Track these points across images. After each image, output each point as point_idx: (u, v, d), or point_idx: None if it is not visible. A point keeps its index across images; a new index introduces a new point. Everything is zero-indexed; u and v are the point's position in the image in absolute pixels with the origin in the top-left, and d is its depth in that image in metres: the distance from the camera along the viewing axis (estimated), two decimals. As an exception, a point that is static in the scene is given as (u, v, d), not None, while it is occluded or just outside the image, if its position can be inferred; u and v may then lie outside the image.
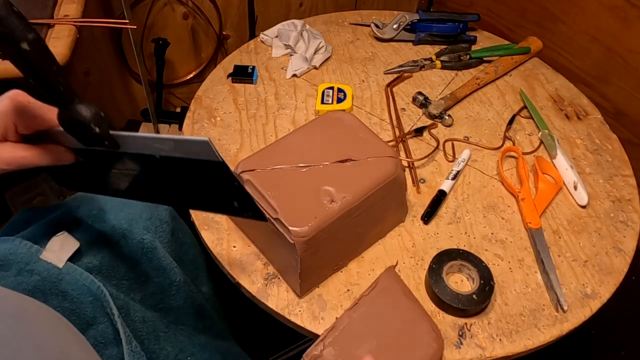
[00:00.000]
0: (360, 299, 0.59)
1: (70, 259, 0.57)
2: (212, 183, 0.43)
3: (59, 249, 0.57)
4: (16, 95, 0.45)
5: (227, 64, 0.91)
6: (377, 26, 0.97)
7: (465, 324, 0.60)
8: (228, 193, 0.44)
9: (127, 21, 0.98)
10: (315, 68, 0.91)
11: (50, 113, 0.45)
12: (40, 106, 0.45)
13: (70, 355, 0.42)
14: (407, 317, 0.58)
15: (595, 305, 0.63)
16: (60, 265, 0.56)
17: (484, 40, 1.00)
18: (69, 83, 0.41)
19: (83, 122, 0.42)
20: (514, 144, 0.81)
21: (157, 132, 1.25)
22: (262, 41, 0.96)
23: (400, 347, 0.56)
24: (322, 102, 0.83)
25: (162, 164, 0.43)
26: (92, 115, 0.41)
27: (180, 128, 1.23)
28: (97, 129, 0.42)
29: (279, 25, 0.96)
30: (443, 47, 0.96)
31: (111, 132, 0.43)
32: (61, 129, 0.44)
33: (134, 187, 0.50)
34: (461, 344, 0.58)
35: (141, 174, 0.47)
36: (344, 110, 0.81)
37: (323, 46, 0.93)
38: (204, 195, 0.47)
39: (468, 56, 0.93)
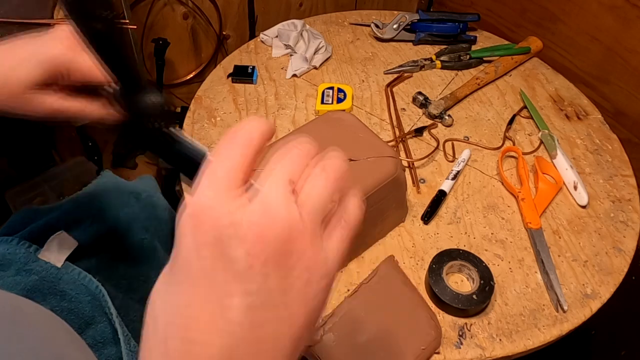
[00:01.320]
0: (360, 287, 0.59)
1: (69, 259, 0.57)
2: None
3: (58, 249, 0.57)
4: (71, 38, 0.43)
5: (227, 64, 0.91)
6: (377, 26, 0.97)
7: (465, 324, 0.60)
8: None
9: (127, 21, 0.98)
10: (315, 68, 0.91)
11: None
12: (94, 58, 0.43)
13: (66, 357, 0.42)
14: (405, 305, 0.59)
15: (595, 305, 0.62)
16: (59, 264, 0.56)
17: (484, 40, 1.00)
18: (136, 68, 0.39)
19: (142, 114, 0.39)
20: (514, 144, 0.81)
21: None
22: (262, 41, 0.96)
23: (399, 334, 0.56)
24: (322, 102, 0.83)
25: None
26: (154, 107, 0.39)
27: (180, 128, 1.23)
28: (156, 124, 0.39)
29: (279, 25, 0.95)
30: (443, 47, 0.96)
31: (170, 128, 0.40)
32: (110, 89, 0.42)
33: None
34: (461, 344, 0.58)
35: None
36: (344, 110, 0.81)
37: (323, 46, 0.93)
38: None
39: (468, 56, 0.93)
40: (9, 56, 0.42)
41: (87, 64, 0.43)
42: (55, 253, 0.56)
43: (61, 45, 0.42)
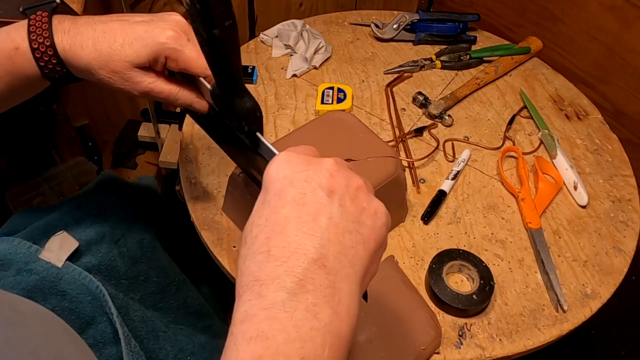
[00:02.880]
0: None
1: (70, 259, 0.57)
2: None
3: (58, 249, 0.57)
4: (180, 25, 0.47)
5: (227, 64, 0.91)
6: (377, 26, 0.97)
7: (465, 324, 0.60)
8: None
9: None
10: (315, 68, 0.91)
11: (203, 61, 0.46)
12: (198, 48, 0.45)
13: (65, 358, 0.42)
14: (406, 304, 0.59)
15: (595, 305, 0.63)
16: (60, 264, 0.56)
17: (484, 40, 1.00)
18: (241, 74, 0.41)
19: (235, 117, 0.43)
20: (514, 144, 0.81)
21: (157, 132, 1.24)
22: (262, 41, 0.96)
23: (399, 334, 0.56)
24: (322, 102, 0.83)
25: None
26: (247, 114, 0.43)
27: (180, 128, 1.23)
28: (246, 127, 0.43)
29: (279, 25, 0.95)
30: (443, 47, 0.96)
31: (257, 134, 0.44)
32: (208, 85, 0.45)
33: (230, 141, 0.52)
34: (461, 344, 0.58)
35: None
36: (344, 110, 0.81)
37: (323, 46, 0.93)
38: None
39: (468, 56, 0.93)
40: (121, 34, 0.45)
41: (190, 55, 0.46)
42: (56, 253, 0.56)
43: (169, 34, 0.45)
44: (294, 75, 0.90)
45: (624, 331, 0.96)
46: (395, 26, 0.97)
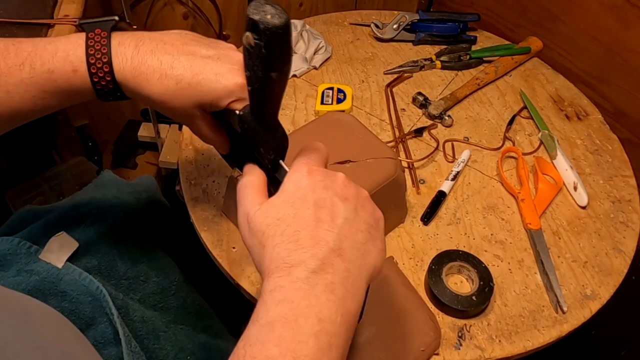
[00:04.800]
0: None
1: (70, 259, 0.57)
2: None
3: (58, 249, 0.57)
4: (242, 72, 0.46)
5: (227, 64, 0.91)
6: (377, 26, 0.97)
7: (465, 325, 0.60)
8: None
9: (128, 21, 0.98)
10: (315, 68, 0.91)
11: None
12: None
13: (73, 355, 0.42)
14: (405, 306, 0.59)
15: (595, 306, 0.63)
16: (60, 265, 0.56)
17: (484, 40, 1.00)
18: (279, 109, 0.43)
19: (264, 147, 0.44)
20: (514, 145, 0.81)
21: (157, 132, 1.24)
22: (262, 41, 0.96)
23: (399, 335, 0.56)
24: (322, 103, 0.83)
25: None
26: (278, 146, 0.45)
27: (180, 128, 1.23)
28: (272, 156, 0.44)
29: (279, 25, 0.95)
30: (443, 47, 0.96)
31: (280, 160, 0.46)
32: (239, 112, 0.45)
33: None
34: (460, 345, 0.58)
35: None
36: (343, 111, 0.81)
37: (323, 46, 0.93)
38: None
39: (468, 56, 0.93)
40: (189, 72, 0.44)
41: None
42: (56, 254, 0.56)
43: (238, 81, 0.45)
44: (294, 76, 0.89)
45: (624, 331, 0.96)
46: (395, 26, 0.97)
